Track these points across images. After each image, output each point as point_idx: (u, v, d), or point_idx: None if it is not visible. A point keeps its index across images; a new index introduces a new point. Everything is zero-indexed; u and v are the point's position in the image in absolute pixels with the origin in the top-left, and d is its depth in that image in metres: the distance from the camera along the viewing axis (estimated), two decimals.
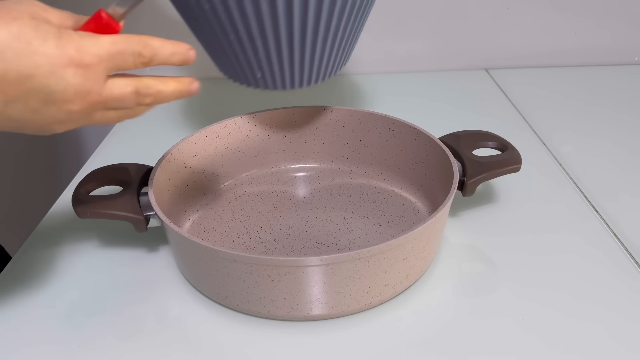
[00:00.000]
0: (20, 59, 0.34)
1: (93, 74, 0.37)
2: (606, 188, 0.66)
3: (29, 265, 0.57)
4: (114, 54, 0.37)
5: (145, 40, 0.39)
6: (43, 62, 0.35)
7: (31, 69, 0.35)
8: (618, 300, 0.50)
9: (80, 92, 0.36)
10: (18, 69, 0.34)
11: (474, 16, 0.99)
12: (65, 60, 0.35)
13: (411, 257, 0.49)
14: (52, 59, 0.35)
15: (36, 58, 0.35)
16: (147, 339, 0.48)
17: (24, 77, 0.35)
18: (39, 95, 0.35)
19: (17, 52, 0.34)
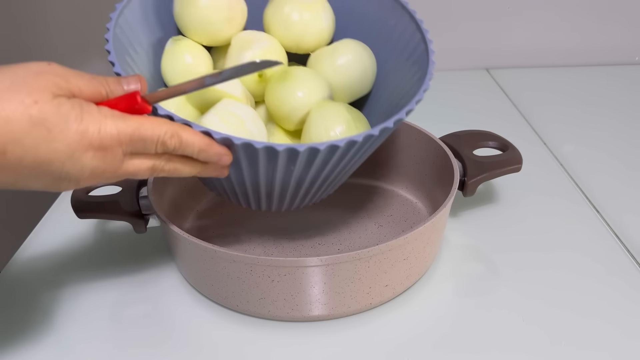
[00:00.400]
0: (39, 147, 0.33)
1: (111, 155, 0.35)
2: (607, 188, 0.66)
3: (27, 266, 0.57)
4: (136, 140, 0.36)
5: (175, 130, 0.37)
6: (62, 148, 0.33)
7: (49, 155, 0.33)
8: (619, 300, 0.50)
9: (96, 172, 0.36)
10: (36, 155, 0.33)
11: (474, 16, 0.98)
12: (84, 145, 0.34)
13: (412, 257, 0.48)
14: (71, 145, 0.34)
15: (56, 145, 0.33)
16: (146, 339, 0.48)
17: (41, 163, 0.33)
18: (53, 176, 0.35)
19: (37, 140, 0.33)
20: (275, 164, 0.41)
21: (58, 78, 0.34)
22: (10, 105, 0.32)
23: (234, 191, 0.48)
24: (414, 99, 0.44)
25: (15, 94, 0.32)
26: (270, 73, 0.49)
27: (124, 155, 0.36)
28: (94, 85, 0.36)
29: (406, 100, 0.46)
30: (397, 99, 0.50)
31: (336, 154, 0.42)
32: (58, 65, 0.35)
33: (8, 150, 0.32)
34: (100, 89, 0.36)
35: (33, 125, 0.32)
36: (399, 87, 0.51)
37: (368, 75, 0.52)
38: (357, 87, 0.52)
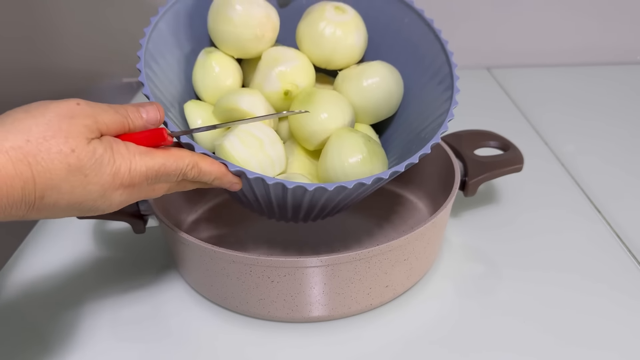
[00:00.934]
0: (75, 191, 0.35)
1: (138, 190, 0.38)
2: (608, 187, 0.66)
3: (26, 267, 0.56)
4: (162, 175, 0.39)
5: (195, 162, 0.40)
6: (96, 189, 0.35)
7: (83, 197, 0.35)
8: (620, 300, 0.50)
9: (123, 204, 0.38)
10: (70, 199, 0.35)
11: (475, 15, 0.98)
12: (116, 185, 0.36)
13: (412, 257, 0.48)
14: (104, 186, 0.36)
15: (90, 187, 0.35)
16: (145, 340, 0.48)
17: (74, 204, 0.35)
18: (82, 212, 0.37)
19: (74, 185, 0.34)
20: (285, 195, 0.44)
21: (88, 120, 0.36)
22: (50, 156, 0.33)
23: (249, 201, 0.49)
24: (429, 143, 0.45)
25: (53, 143, 0.34)
26: (297, 92, 0.50)
27: (147, 186, 0.39)
28: (117, 119, 0.38)
29: (426, 135, 0.48)
30: (421, 127, 0.51)
31: (344, 192, 0.44)
32: (85, 103, 0.36)
33: (46, 195, 0.34)
34: (123, 121, 0.38)
35: (71, 172, 0.34)
36: (424, 113, 0.52)
37: (393, 98, 0.52)
38: (382, 109, 0.53)
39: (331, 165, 0.47)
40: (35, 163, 0.33)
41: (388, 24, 0.56)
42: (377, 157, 0.48)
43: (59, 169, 0.34)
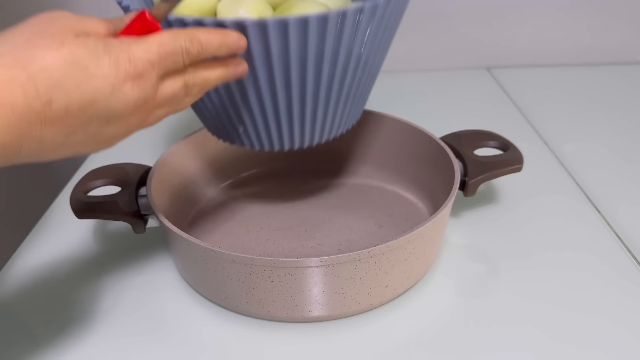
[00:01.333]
0: (81, 87, 0.33)
1: (148, 81, 0.35)
2: (608, 188, 0.66)
3: (26, 266, 0.56)
4: (165, 57, 0.36)
5: (192, 34, 0.37)
6: (102, 84, 0.33)
7: (92, 94, 0.33)
8: (620, 299, 0.50)
9: (139, 103, 0.35)
10: (80, 98, 0.33)
11: (475, 15, 0.98)
12: (122, 77, 0.34)
13: (412, 257, 0.48)
14: (110, 78, 0.33)
15: (95, 82, 0.33)
16: (145, 340, 0.48)
17: (87, 105, 0.33)
18: (100, 119, 0.34)
19: (77, 80, 0.32)
20: (287, 40, 0.40)
21: (71, 20, 0.34)
22: (41, 53, 0.32)
23: (252, 116, 0.46)
24: None
25: (39, 42, 0.32)
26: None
27: (158, 79, 0.36)
28: (102, 21, 0.36)
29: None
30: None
31: (347, 22, 0.40)
32: (67, 11, 0.35)
33: (53, 98, 0.32)
34: (108, 24, 0.36)
35: (69, 66, 0.32)
36: None
37: None
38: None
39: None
40: (28, 64, 0.31)
41: None
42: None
43: (55, 65, 0.32)
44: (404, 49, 1.00)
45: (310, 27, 0.40)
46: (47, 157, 0.34)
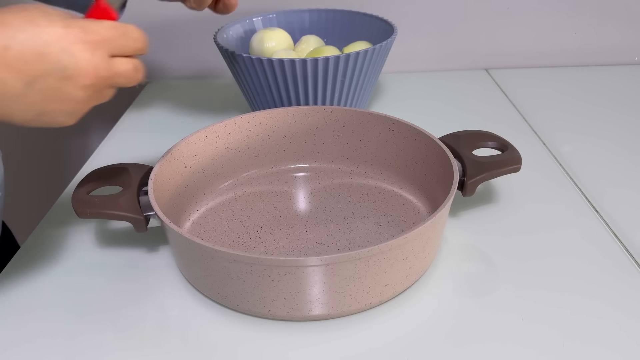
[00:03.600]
0: (32, 39, 0.38)
1: (100, 50, 0.41)
2: (606, 188, 0.66)
3: (29, 264, 0.57)
4: (116, 37, 0.41)
5: (136, 29, 0.43)
6: (53, 39, 0.39)
7: (43, 47, 0.38)
8: (618, 300, 0.50)
9: (91, 65, 0.40)
10: (32, 48, 0.38)
11: (474, 16, 0.99)
12: (72, 38, 0.39)
13: (411, 257, 0.49)
14: (60, 37, 0.39)
15: (46, 37, 0.39)
16: (146, 338, 0.48)
17: (39, 55, 0.38)
18: (55, 73, 0.39)
19: (29, 33, 0.38)
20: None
21: (42, 6, 0.40)
22: (6, 15, 0.39)
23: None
24: None
25: (8, 9, 0.39)
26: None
27: (109, 53, 0.41)
28: (71, 15, 0.42)
29: None
30: None
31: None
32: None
33: (9, 45, 0.38)
34: (76, 17, 0.42)
35: (24, 22, 0.39)
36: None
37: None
38: None
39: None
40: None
41: None
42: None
43: (13, 21, 0.38)
44: (404, 50, 1.00)
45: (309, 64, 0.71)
46: (12, 110, 0.39)
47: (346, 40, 0.87)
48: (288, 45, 0.83)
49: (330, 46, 0.82)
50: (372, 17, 0.85)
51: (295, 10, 0.89)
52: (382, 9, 0.95)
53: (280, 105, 0.77)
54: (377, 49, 0.73)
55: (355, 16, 0.87)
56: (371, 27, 0.85)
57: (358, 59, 0.72)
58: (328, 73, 0.72)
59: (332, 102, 0.77)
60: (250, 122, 0.67)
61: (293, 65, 0.71)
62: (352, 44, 0.82)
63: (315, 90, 0.74)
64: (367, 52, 0.72)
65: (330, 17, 0.89)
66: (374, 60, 0.75)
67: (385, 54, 0.78)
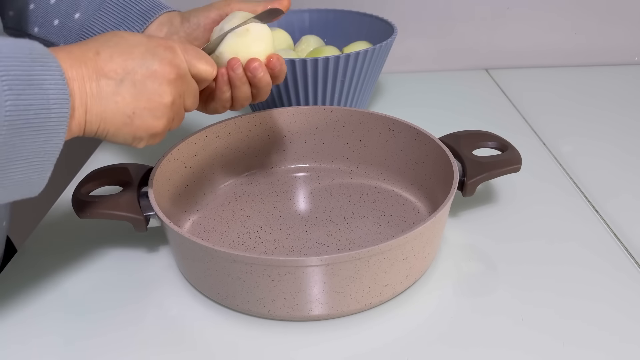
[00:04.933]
0: (120, 44, 0.43)
1: (180, 53, 0.46)
2: (606, 188, 0.66)
3: (28, 265, 0.57)
4: (191, 46, 0.47)
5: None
6: (138, 43, 0.44)
7: (129, 49, 0.43)
8: (618, 300, 0.50)
9: (173, 63, 0.44)
10: (120, 50, 0.43)
11: (474, 16, 0.99)
12: (154, 42, 0.45)
13: (411, 257, 0.49)
14: (144, 42, 0.44)
15: (131, 41, 0.44)
16: (146, 338, 0.48)
17: (126, 56, 0.43)
18: (141, 70, 0.43)
19: (116, 41, 0.44)
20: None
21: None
22: (94, 37, 0.45)
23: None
24: None
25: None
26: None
27: (185, 63, 0.46)
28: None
29: None
30: None
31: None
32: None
33: (100, 50, 0.42)
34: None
35: (111, 35, 0.44)
36: None
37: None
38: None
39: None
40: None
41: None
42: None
43: (99, 36, 0.44)
44: (404, 50, 1.00)
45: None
46: (107, 110, 0.42)
47: (346, 40, 0.87)
48: (288, 45, 0.83)
49: (330, 46, 0.82)
50: (372, 17, 0.85)
51: (295, 10, 0.90)
52: (382, 9, 0.95)
53: (280, 105, 0.77)
54: (377, 49, 0.73)
55: (355, 16, 0.87)
56: (371, 27, 0.85)
57: (358, 59, 0.72)
58: (328, 73, 0.72)
59: (332, 102, 0.77)
60: (250, 122, 0.67)
61: (293, 65, 0.71)
62: (352, 44, 0.82)
63: (315, 90, 0.74)
64: (367, 52, 0.72)
65: (330, 17, 0.89)
66: (374, 60, 0.75)
67: (385, 54, 0.78)
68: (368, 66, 0.75)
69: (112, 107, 0.42)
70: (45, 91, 0.37)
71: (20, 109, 0.36)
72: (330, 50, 0.80)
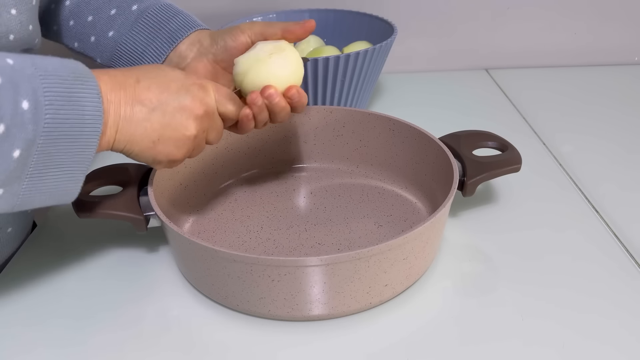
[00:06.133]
0: (159, 76, 0.47)
1: (212, 93, 0.49)
2: (606, 187, 0.66)
3: (28, 265, 0.57)
4: (224, 89, 0.50)
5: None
6: (175, 78, 0.47)
7: (167, 82, 0.47)
8: (618, 299, 0.50)
9: (203, 102, 0.48)
10: (158, 82, 0.46)
11: (474, 16, 0.99)
12: (191, 80, 0.48)
13: (411, 257, 0.49)
14: (181, 78, 0.48)
15: (170, 76, 0.47)
16: (146, 338, 0.48)
17: (163, 88, 0.46)
18: (173, 103, 0.46)
19: (156, 73, 0.47)
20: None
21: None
22: (138, 67, 0.49)
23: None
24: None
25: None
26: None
27: (215, 102, 0.49)
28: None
29: None
30: None
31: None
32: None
33: (140, 78, 0.46)
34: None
35: (153, 67, 0.48)
36: None
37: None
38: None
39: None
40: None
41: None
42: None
43: (142, 66, 0.48)
44: (404, 50, 1.00)
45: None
46: (135, 133, 0.45)
47: (346, 40, 0.87)
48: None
49: (330, 46, 0.82)
50: (372, 17, 0.85)
51: (295, 10, 0.90)
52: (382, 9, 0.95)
53: None
54: (377, 49, 0.73)
55: (355, 16, 0.88)
56: (371, 27, 0.86)
57: (358, 59, 0.72)
58: (328, 73, 0.72)
59: (332, 102, 0.77)
60: None
61: None
62: (352, 44, 0.82)
63: (315, 90, 0.74)
64: (367, 52, 0.72)
65: (330, 17, 0.89)
66: (374, 60, 0.75)
67: (385, 54, 0.78)
68: (368, 66, 0.75)
69: (141, 131, 0.45)
70: (82, 107, 0.41)
71: (58, 121, 0.40)
72: (330, 50, 0.80)
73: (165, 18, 0.58)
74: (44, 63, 0.40)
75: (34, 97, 0.38)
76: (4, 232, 0.56)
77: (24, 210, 0.58)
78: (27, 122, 0.38)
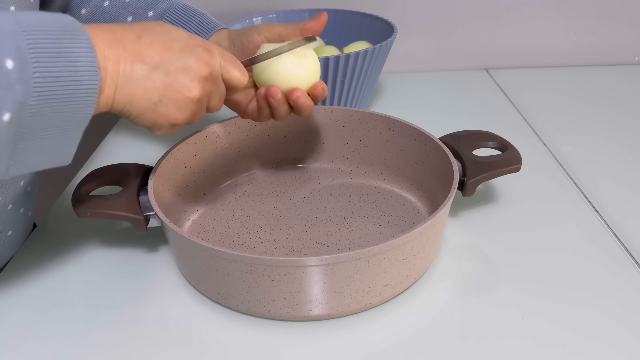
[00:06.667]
0: (162, 34, 0.45)
1: (217, 56, 0.47)
2: (606, 187, 0.66)
3: (28, 264, 0.57)
4: (228, 54, 0.49)
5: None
6: (180, 37, 0.45)
7: (171, 41, 0.44)
8: (618, 299, 0.50)
9: (208, 64, 0.46)
10: (161, 40, 0.44)
11: (474, 16, 0.99)
12: (195, 41, 0.46)
13: (411, 257, 0.49)
14: (186, 38, 0.46)
15: (174, 35, 0.45)
16: (146, 338, 0.48)
17: (166, 46, 0.44)
18: (177, 62, 0.44)
19: (160, 30, 0.45)
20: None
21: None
22: (140, 22, 0.46)
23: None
24: None
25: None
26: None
27: (220, 67, 0.48)
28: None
29: None
30: None
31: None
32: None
33: (142, 35, 0.43)
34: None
35: (156, 24, 0.46)
36: None
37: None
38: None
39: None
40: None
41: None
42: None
43: (145, 22, 0.46)
44: (404, 50, 1.00)
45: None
46: (135, 93, 0.42)
47: (346, 40, 0.87)
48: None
49: (330, 46, 0.82)
50: (372, 17, 0.85)
51: (295, 10, 0.90)
52: (382, 9, 0.95)
53: None
54: (377, 49, 0.73)
55: (355, 16, 0.88)
56: (371, 27, 0.86)
57: (358, 59, 0.72)
58: (328, 73, 0.72)
59: (332, 102, 0.77)
60: (250, 122, 0.67)
61: None
62: (352, 44, 0.82)
63: None
64: (367, 52, 0.72)
65: (330, 17, 0.89)
66: (374, 60, 0.75)
67: (385, 54, 0.78)
68: (368, 66, 0.75)
69: (141, 91, 0.43)
70: (74, 63, 0.38)
71: (49, 80, 0.36)
72: (330, 50, 0.80)
73: (183, 22, 0.58)
74: (28, 18, 0.37)
75: (18, 54, 0.35)
76: (4, 236, 0.56)
77: (24, 214, 0.58)
78: (14, 83, 0.35)
